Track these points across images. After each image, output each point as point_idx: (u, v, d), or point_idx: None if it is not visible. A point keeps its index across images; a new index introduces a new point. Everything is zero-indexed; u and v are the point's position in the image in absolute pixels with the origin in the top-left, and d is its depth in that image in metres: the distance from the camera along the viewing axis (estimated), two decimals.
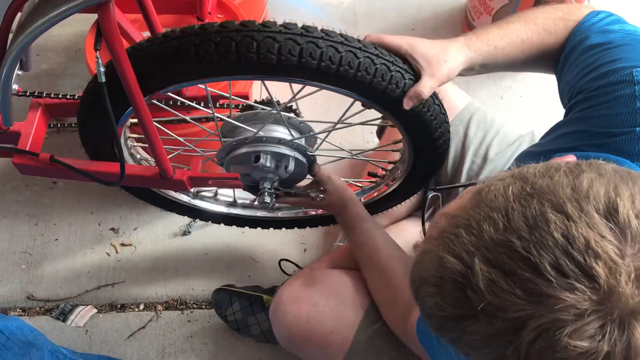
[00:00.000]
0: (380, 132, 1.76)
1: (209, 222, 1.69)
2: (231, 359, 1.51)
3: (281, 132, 1.16)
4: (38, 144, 1.24)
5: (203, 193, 1.46)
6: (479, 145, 1.41)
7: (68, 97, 1.26)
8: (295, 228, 1.53)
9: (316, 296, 1.23)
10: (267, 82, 1.02)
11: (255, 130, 1.12)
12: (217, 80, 0.99)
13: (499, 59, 1.03)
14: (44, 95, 1.26)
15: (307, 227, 1.52)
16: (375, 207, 1.40)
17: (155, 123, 1.05)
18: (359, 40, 0.95)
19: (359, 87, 0.97)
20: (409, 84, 0.98)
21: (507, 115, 1.87)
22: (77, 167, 1.15)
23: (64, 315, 1.56)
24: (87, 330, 1.54)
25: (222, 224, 1.54)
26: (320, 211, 1.47)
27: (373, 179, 1.42)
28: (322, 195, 1.24)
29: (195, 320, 1.56)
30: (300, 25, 0.92)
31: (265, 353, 1.51)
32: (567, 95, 1.00)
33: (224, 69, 0.94)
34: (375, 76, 0.95)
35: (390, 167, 1.37)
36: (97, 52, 0.89)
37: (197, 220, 1.70)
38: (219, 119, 1.15)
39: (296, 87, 1.05)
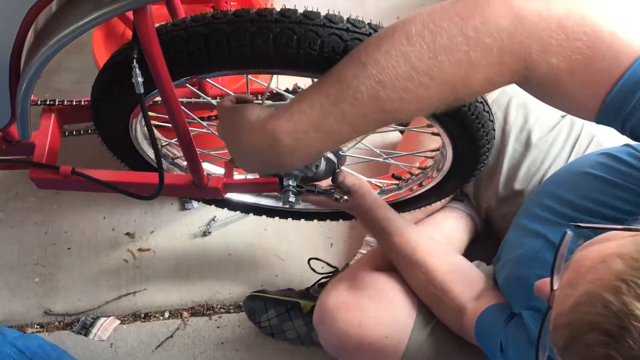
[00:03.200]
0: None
1: (231, 217, 1.62)
2: None
3: None
4: (54, 154, 1.15)
5: None
6: (519, 132, 1.35)
7: (82, 103, 1.17)
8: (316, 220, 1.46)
9: (366, 301, 1.18)
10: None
11: None
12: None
13: None
14: (57, 102, 1.16)
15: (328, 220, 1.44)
16: (409, 204, 1.33)
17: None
18: None
19: None
20: None
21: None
22: (103, 179, 1.06)
23: (85, 329, 1.48)
24: (111, 344, 1.47)
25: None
26: None
27: (396, 182, 1.35)
28: (345, 197, 1.17)
29: (225, 326, 1.49)
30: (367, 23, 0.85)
31: (301, 355, 1.45)
32: None
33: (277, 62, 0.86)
34: None
35: (417, 171, 1.30)
36: (134, 60, 0.80)
37: (216, 219, 1.62)
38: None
39: None
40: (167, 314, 1.51)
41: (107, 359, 1.45)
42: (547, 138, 1.34)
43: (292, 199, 1.10)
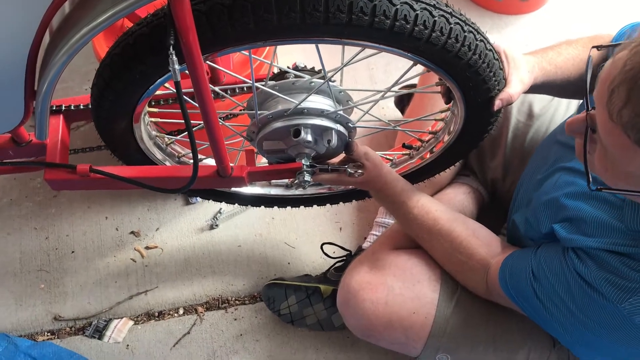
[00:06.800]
0: (400, 104, 1.69)
1: (237, 209, 1.60)
2: (287, 352, 1.44)
3: (321, 102, 1.06)
4: (66, 153, 1.12)
5: None
6: (521, 104, 1.37)
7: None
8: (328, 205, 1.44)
9: (390, 279, 1.18)
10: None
11: (297, 102, 1.02)
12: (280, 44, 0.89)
13: (558, 77, 1.11)
14: (63, 107, 1.13)
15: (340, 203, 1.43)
16: (423, 173, 1.33)
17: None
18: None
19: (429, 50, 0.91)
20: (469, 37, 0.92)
21: None
22: (125, 176, 1.03)
23: (99, 333, 1.44)
24: (127, 345, 1.43)
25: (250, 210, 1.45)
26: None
27: (406, 151, 1.35)
28: (360, 171, 1.15)
29: (242, 318, 1.48)
30: None
31: (321, 340, 1.45)
32: None
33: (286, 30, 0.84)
34: (450, 37, 0.90)
35: (427, 137, 1.29)
36: (171, 47, 0.77)
37: (222, 211, 1.60)
38: (256, 89, 1.03)
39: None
40: (181, 311, 1.49)
41: None
42: (549, 108, 1.36)
43: (307, 177, 1.09)
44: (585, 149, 0.79)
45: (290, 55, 1.71)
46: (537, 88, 1.11)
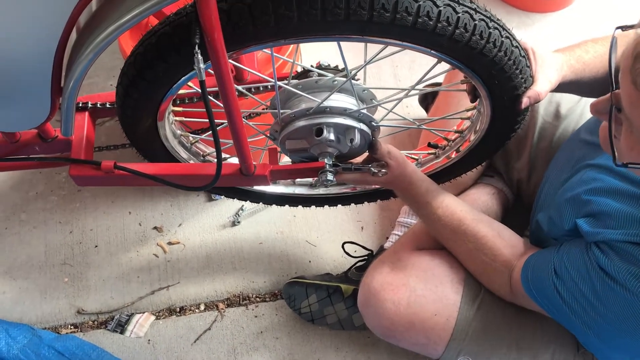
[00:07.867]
0: (424, 102, 1.67)
1: (259, 206, 1.61)
2: (307, 350, 1.43)
3: (344, 100, 1.05)
4: (91, 150, 1.13)
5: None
6: (548, 103, 1.34)
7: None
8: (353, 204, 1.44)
9: (412, 280, 1.17)
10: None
11: (319, 101, 1.02)
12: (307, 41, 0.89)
13: (586, 75, 1.10)
14: (89, 105, 1.13)
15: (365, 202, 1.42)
16: (448, 173, 1.31)
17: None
18: None
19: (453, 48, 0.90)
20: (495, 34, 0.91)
21: None
22: (150, 173, 1.04)
23: (121, 327, 1.45)
24: (149, 340, 1.44)
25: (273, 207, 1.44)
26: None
27: (432, 151, 1.33)
28: (384, 170, 1.14)
29: (262, 315, 1.48)
30: None
31: (341, 340, 1.44)
32: None
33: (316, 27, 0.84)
34: (474, 34, 0.88)
35: (454, 136, 1.28)
36: (196, 45, 0.77)
37: (244, 208, 1.60)
38: (278, 87, 1.03)
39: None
40: (202, 307, 1.49)
41: (145, 355, 1.42)
42: (576, 108, 1.34)
43: (330, 177, 1.08)
44: (610, 128, 0.78)
45: (315, 53, 1.70)
46: (565, 86, 1.09)
